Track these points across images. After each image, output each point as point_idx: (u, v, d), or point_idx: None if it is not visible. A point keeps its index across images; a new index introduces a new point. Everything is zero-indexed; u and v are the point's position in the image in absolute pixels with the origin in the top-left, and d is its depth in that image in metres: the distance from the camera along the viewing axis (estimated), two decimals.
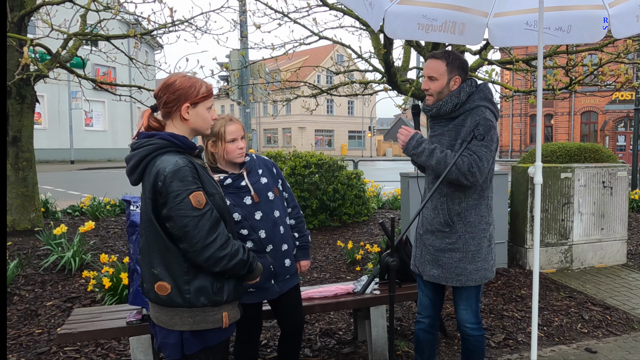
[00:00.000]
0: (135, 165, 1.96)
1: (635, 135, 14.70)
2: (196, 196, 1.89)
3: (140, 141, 1.97)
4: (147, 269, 1.98)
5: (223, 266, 1.94)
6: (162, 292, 1.94)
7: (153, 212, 1.92)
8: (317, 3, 6.33)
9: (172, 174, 1.87)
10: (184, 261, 1.93)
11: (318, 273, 5.40)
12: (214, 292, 1.97)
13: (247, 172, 2.62)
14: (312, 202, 6.89)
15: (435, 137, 2.77)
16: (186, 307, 1.94)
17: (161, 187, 1.88)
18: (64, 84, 25.25)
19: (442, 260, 2.72)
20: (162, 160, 1.91)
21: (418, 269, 2.86)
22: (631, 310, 4.56)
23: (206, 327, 1.98)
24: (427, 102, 2.77)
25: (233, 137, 2.53)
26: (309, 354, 3.68)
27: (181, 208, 1.86)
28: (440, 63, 2.67)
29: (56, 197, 9.07)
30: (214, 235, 1.91)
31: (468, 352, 2.88)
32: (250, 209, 2.57)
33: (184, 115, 2.01)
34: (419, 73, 8.33)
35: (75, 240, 5.24)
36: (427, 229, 2.79)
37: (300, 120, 48.93)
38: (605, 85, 6.29)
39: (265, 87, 9.47)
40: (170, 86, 1.99)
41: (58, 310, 4.24)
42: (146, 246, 1.98)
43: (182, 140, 1.98)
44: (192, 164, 1.94)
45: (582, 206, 5.76)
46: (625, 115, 31.42)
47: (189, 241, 1.88)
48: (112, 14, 5.52)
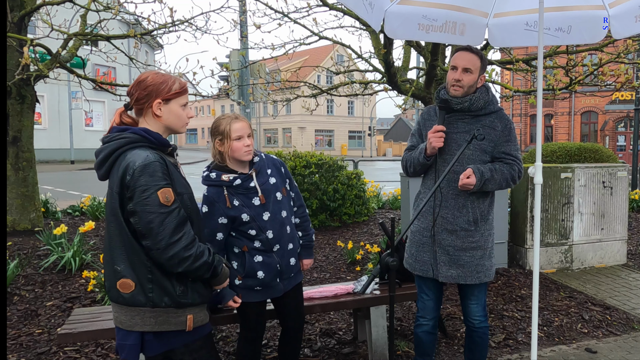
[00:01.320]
0: (105, 159, 1.92)
1: (635, 135, 14.70)
2: (164, 192, 1.84)
3: (111, 135, 1.94)
4: (110, 265, 1.93)
5: (186, 267, 1.89)
6: (125, 289, 1.89)
7: (120, 207, 1.87)
8: (317, 3, 6.33)
9: (141, 168, 1.83)
10: (147, 259, 1.88)
11: (318, 273, 5.40)
12: (177, 294, 1.92)
13: (257, 173, 2.60)
14: (312, 202, 6.89)
15: (459, 133, 2.72)
16: (149, 306, 1.89)
17: (129, 181, 1.83)
18: (64, 84, 25.23)
19: (463, 260, 2.72)
20: (132, 154, 1.87)
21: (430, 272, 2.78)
22: (631, 310, 4.56)
23: (168, 328, 1.93)
24: (454, 93, 2.70)
25: (239, 135, 2.52)
26: (309, 354, 3.68)
27: (148, 203, 1.82)
28: (476, 58, 2.70)
29: (56, 197, 9.07)
30: (180, 234, 1.86)
31: (474, 346, 2.90)
32: (259, 209, 2.57)
33: (156, 112, 1.97)
34: (419, 73, 8.33)
35: (76, 240, 5.24)
36: (445, 229, 2.73)
37: (301, 120, 48.93)
38: (605, 85, 6.29)
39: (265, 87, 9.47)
40: (142, 82, 1.97)
41: (58, 310, 4.24)
42: (109, 242, 1.93)
43: (154, 136, 1.94)
44: (163, 160, 1.90)
45: (582, 206, 5.76)
46: (625, 115, 31.41)
47: (152, 238, 1.83)
48: (112, 14, 5.52)
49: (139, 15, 6.21)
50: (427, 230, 2.78)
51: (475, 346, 2.90)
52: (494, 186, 2.68)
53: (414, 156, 2.80)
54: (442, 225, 2.73)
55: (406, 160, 2.89)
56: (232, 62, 9.23)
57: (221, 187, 2.54)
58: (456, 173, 2.69)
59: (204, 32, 6.10)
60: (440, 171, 2.74)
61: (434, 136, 2.63)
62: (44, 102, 26.22)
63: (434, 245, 2.76)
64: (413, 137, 2.94)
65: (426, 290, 2.87)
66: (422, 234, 2.81)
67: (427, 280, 2.85)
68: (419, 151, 2.77)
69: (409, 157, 2.87)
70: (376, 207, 8.81)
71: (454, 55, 2.75)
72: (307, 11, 6.64)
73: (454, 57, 2.75)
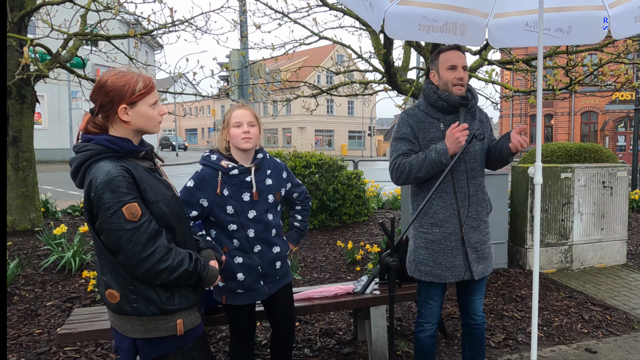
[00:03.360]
0: (75, 171, 1.85)
1: (635, 136, 14.69)
2: (130, 208, 1.75)
3: (79, 145, 1.85)
4: (100, 274, 1.90)
5: (164, 279, 1.83)
6: (112, 299, 1.85)
7: (90, 222, 1.81)
8: (317, 3, 6.33)
9: (103, 184, 1.74)
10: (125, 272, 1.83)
11: (318, 273, 5.40)
12: (162, 302, 1.87)
13: (256, 169, 2.58)
14: (312, 202, 6.89)
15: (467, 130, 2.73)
16: (136, 315, 1.85)
17: (93, 198, 1.76)
18: (64, 84, 25.19)
19: (486, 252, 2.79)
20: (95, 168, 1.78)
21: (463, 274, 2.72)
22: (631, 311, 4.56)
23: (159, 334, 1.89)
24: (459, 92, 2.70)
25: (238, 122, 2.50)
26: (308, 354, 3.68)
27: (113, 221, 1.74)
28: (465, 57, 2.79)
29: (56, 197, 9.07)
30: (152, 249, 1.78)
31: (475, 343, 2.91)
32: (245, 206, 2.52)
33: (123, 118, 1.83)
34: (419, 73, 8.33)
35: (76, 240, 5.24)
36: (470, 227, 2.72)
37: (300, 120, 48.93)
38: (605, 85, 6.29)
39: (265, 87, 9.47)
40: (102, 87, 1.82)
41: (58, 310, 4.24)
42: (96, 252, 1.89)
43: (119, 145, 1.82)
44: (128, 172, 1.79)
45: (582, 206, 5.76)
46: (625, 115, 31.41)
47: (123, 255, 1.77)
48: (112, 14, 5.52)
49: (139, 15, 6.21)
50: (454, 234, 2.70)
51: (476, 343, 2.91)
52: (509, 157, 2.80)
53: (431, 158, 2.59)
54: (469, 224, 2.72)
55: (409, 165, 2.65)
56: (232, 62, 9.23)
57: (217, 172, 2.51)
58: (473, 170, 2.73)
59: (204, 32, 6.10)
60: (456, 170, 2.68)
61: (461, 134, 2.54)
62: (44, 102, 26.23)
63: (464, 246, 2.72)
64: (405, 141, 2.73)
65: (434, 297, 2.82)
66: (449, 240, 2.70)
67: (437, 286, 2.80)
68: (436, 152, 2.57)
69: (413, 162, 2.65)
70: (376, 207, 8.81)
71: (447, 55, 2.72)
72: (307, 11, 6.64)
73: (447, 57, 2.72)
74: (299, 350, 3.72)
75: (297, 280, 5.08)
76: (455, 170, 2.68)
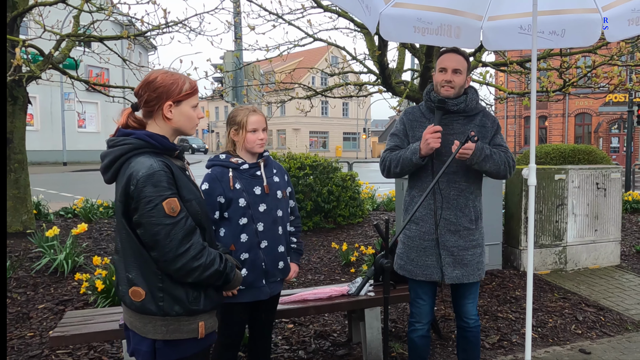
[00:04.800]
0: (109, 164, 1.86)
1: (629, 137, 14.80)
2: (170, 203, 1.77)
3: (116, 139, 1.87)
4: (123, 272, 1.88)
5: (196, 277, 1.84)
6: (136, 297, 1.84)
7: (123, 215, 1.82)
8: (312, 5, 6.32)
9: (145, 178, 1.76)
10: (157, 268, 1.83)
11: (312, 275, 5.39)
12: (189, 301, 1.87)
13: (264, 165, 2.68)
14: (307, 203, 6.88)
15: (455, 135, 2.74)
16: (160, 315, 1.84)
17: (133, 192, 1.77)
18: (56, 85, 25.06)
19: (466, 259, 2.75)
20: (136, 162, 1.81)
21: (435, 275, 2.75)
22: (625, 311, 4.57)
23: (180, 337, 1.88)
24: (446, 94, 2.73)
25: (254, 128, 2.61)
26: (303, 356, 3.66)
27: (153, 215, 1.76)
28: (462, 59, 2.77)
29: (48, 199, 9.00)
30: (187, 245, 1.80)
31: (469, 346, 2.91)
32: (257, 199, 2.59)
33: (167, 115, 1.90)
34: (413, 75, 8.34)
35: (68, 242, 5.20)
36: (448, 230, 2.74)
37: (295, 121, 48.92)
38: (599, 87, 6.32)
39: (259, 88, 9.45)
40: (151, 83, 1.89)
41: (50, 313, 4.21)
42: (121, 248, 1.88)
43: (159, 141, 1.86)
44: (168, 167, 1.83)
45: (576, 207, 5.78)
46: (618, 117, 31.62)
47: (159, 250, 1.78)
48: (105, 15, 5.48)
49: (132, 17, 6.17)
50: (429, 234, 2.76)
51: (470, 346, 2.91)
52: (492, 166, 2.68)
53: (405, 156, 2.73)
54: (445, 226, 2.74)
55: (390, 160, 2.80)
56: (226, 63, 9.21)
57: (227, 168, 2.60)
58: (455, 174, 2.72)
59: (197, 33, 6.08)
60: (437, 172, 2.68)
61: (431, 136, 2.61)
62: (36, 104, 26.08)
63: (438, 248, 2.75)
64: (395, 137, 2.90)
65: (422, 295, 2.85)
66: (423, 238, 2.77)
67: (423, 285, 2.83)
68: (410, 151, 2.71)
69: (393, 157, 2.79)
70: (371, 209, 8.80)
71: (441, 58, 2.79)
72: (302, 13, 6.63)
73: (441, 59, 2.78)
74: (293, 353, 3.71)
75: (291, 282, 5.06)
76: (437, 172, 2.71)
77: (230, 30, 6.96)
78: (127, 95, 6.05)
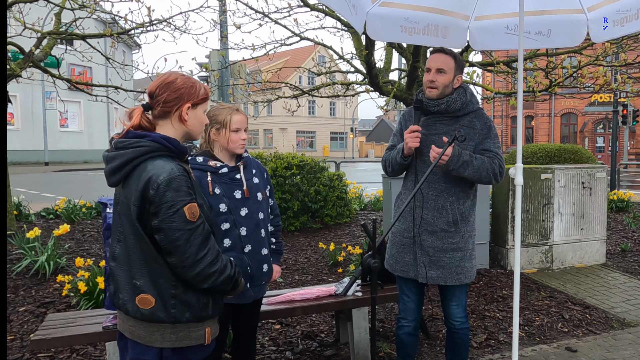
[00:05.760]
0: (120, 167, 1.80)
1: (614, 137, 14.99)
2: (191, 208, 1.76)
3: (128, 141, 1.80)
4: (127, 279, 1.83)
5: (211, 283, 1.83)
6: (145, 305, 1.80)
7: (138, 220, 1.77)
8: (298, 4, 6.28)
9: (166, 182, 1.74)
10: (172, 274, 1.80)
11: (300, 275, 5.36)
12: (200, 307, 1.86)
13: (244, 167, 2.60)
14: (294, 203, 6.84)
15: (437, 135, 2.73)
16: (169, 322, 1.81)
17: (153, 196, 1.73)
18: (37, 84, 24.70)
19: (443, 261, 2.72)
20: (154, 166, 1.77)
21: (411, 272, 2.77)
22: (610, 309, 4.61)
23: (189, 344, 1.86)
24: (429, 94, 2.72)
25: (237, 127, 2.53)
26: (290, 357, 3.63)
27: (174, 220, 1.74)
28: (449, 59, 2.72)
29: (29, 200, 8.85)
30: (205, 250, 1.80)
31: (456, 347, 2.90)
32: (238, 203, 2.53)
33: (184, 117, 1.89)
34: (400, 74, 8.34)
35: (50, 243, 5.11)
36: (425, 230, 2.73)
37: (282, 121, 48.84)
38: (585, 87, 6.37)
39: (245, 87, 9.39)
40: (171, 84, 1.88)
41: (31, 315, 4.12)
42: (126, 254, 1.83)
43: (175, 145, 1.84)
44: (186, 172, 1.82)
45: (562, 207, 5.81)
46: (604, 117, 32.04)
47: (179, 256, 1.76)
48: (87, 12, 5.39)
49: (115, 14, 6.07)
50: (408, 231, 2.79)
51: (456, 347, 2.91)
52: (472, 172, 2.63)
53: (393, 156, 2.83)
54: (423, 226, 2.74)
55: (385, 159, 2.90)
56: (211, 62, 9.14)
57: (205, 172, 2.50)
58: (435, 174, 2.71)
59: (182, 31, 6.00)
60: (420, 172, 2.74)
61: (409, 136, 2.66)
62: (16, 102, 25.72)
63: (415, 246, 2.76)
64: (395, 137, 2.96)
65: (407, 292, 2.87)
66: (403, 235, 2.81)
67: (408, 281, 2.85)
68: (396, 151, 2.79)
69: (388, 157, 2.88)
70: (358, 209, 8.80)
71: (429, 58, 2.78)
72: (288, 12, 6.58)
73: (429, 59, 2.78)
74: (280, 354, 3.67)
75: (278, 283, 5.02)
76: (419, 172, 2.75)
77: (215, 28, 6.90)
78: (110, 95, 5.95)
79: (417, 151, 2.73)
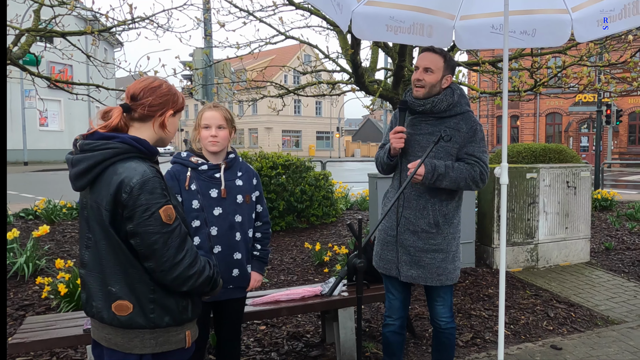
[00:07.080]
0: (87, 170, 1.71)
1: (598, 136, 15.18)
2: (166, 210, 1.71)
3: (94, 142, 1.73)
4: (100, 286, 1.76)
5: (191, 285, 1.79)
6: (122, 312, 1.73)
7: (111, 225, 1.71)
8: (284, 2, 6.23)
9: (140, 185, 1.68)
10: (150, 278, 1.75)
11: (285, 275, 5.32)
12: (179, 310, 1.81)
13: (226, 167, 2.57)
14: (279, 203, 6.80)
15: (422, 135, 2.71)
16: (149, 328, 1.76)
17: (127, 200, 1.67)
18: (16, 82, 24.21)
19: (424, 261, 2.71)
20: (125, 168, 1.70)
21: (393, 270, 2.78)
22: (594, 307, 4.64)
23: (169, 348, 1.82)
24: (416, 93, 2.70)
25: (206, 124, 2.51)
26: (275, 358, 3.59)
27: (150, 224, 1.68)
28: (438, 58, 2.69)
29: (8, 200, 8.68)
30: (183, 253, 1.75)
31: (441, 347, 2.90)
32: (212, 202, 2.50)
33: (166, 122, 1.88)
34: (386, 74, 8.34)
35: (29, 245, 5.00)
36: (407, 230, 2.72)
37: (267, 120, 48.70)
38: (569, 87, 6.42)
39: (230, 86, 9.32)
40: (157, 89, 1.85)
41: (10, 319, 4.03)
42: (97, 261, 1.75)
43: (145, 146, 1.79)
44: (159, 173, 1.78)
45: (547, 206, 5.85)
46: (588, 116, 32.48)
47: (157, 260, 1.71)
48: (67, 9, 5.27)
49: (96, 12, 5.95)
50: (391, 229, 2.79)
51: (442, 347, 2.90)
52: (449, 183, 2.61)
53: (381, 155, 2.85)
54: (405, 225, 2.74)
55: (376, 158, 2.93)
56: (195, 60, 9.04)
57: (186, 167, 2.51)
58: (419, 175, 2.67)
59: (165, 29, 5.89)
60: (405, 172, 2.72)
61: (394, 137, 2.67)
62: None
63: (397, 244, 2.77)
64: (386, 135, 2.96)
65: (392, 290, 2.87)
66: (387, 233, 2.82)
67: (392, 280, 2.85)
68: (384, 151, 2.83)
69: (378, 156, 2.91)
70: (344, 208, 8.78)
71: (418, 56, 2.78)
72: (273, 10, 6.52)
73: (417, 57, 2.78)
74: (266, 355, 3.63)
75: (264, 283, 4.97)
76: (404, 171, 2.74)
77: (199, 27, 6.82)
78: (91, 93, 5.83)
79: (402, 151, 2.74)
